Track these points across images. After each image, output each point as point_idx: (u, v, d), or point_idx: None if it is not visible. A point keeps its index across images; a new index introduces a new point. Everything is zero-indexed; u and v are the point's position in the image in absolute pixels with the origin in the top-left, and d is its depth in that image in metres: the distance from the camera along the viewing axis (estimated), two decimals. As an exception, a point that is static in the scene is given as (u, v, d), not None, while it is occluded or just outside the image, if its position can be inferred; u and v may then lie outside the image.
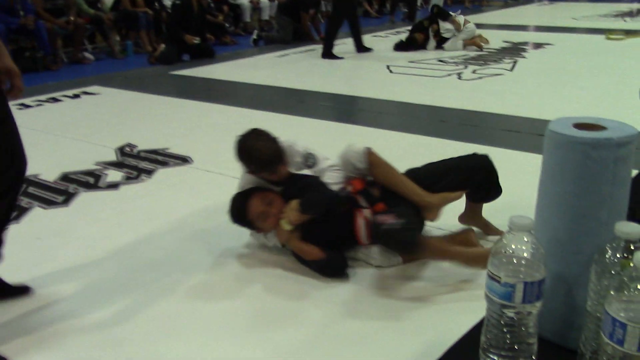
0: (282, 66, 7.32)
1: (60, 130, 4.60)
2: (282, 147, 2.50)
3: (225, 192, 3.29)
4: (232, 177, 3.48)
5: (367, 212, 2.38)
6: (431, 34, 7.86)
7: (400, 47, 7.92)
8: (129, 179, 3.55)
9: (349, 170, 2.48)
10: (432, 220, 2.46)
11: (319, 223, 2.37)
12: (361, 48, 7.89)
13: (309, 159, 2.54)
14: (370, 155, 2.48)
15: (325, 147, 3.99)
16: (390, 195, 2.41)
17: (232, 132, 4.42)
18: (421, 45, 7.88)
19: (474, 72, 6.32)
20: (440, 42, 7.84)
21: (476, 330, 1.48)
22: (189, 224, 2.91)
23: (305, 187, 2.42)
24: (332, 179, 2.46)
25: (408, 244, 2.16)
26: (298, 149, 2.56)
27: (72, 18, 7.96)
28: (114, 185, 3.45)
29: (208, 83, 6.42)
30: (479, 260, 2.13)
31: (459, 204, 2.59)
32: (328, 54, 7.58)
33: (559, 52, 7.52)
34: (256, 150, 2.44)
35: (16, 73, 2.12)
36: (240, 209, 2.46)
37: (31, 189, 3.40)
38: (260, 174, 2.51)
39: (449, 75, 6.24)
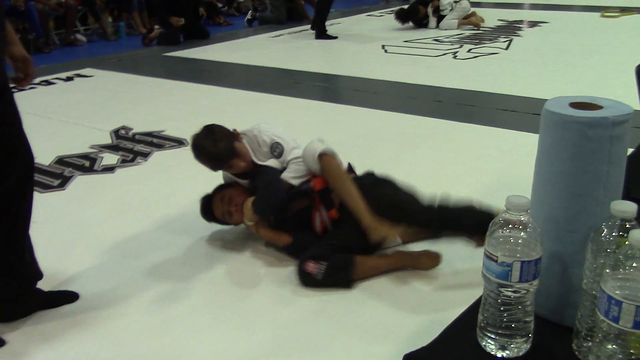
0: (276, 47, 7.28)
1: (54, 114, 4.58)
2: (232, 144, 2.44)
3: (221, 174, 3.30)
4: (228, 159, 3.49)
5: (323, 213, 2.35)
6: (430, 10, 7.80)
7: (400, 16, 7.85)
8: (124, 162, 3.54)
9: (309, 167, 2.38)
10: (375, 243, 2.26)
11: (280, 216, 2.39)
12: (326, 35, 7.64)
13: (275, 149, 2.46)
14: (323, 159, 2.33)
15: (319, 128, 4.00)
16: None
17: (228, 114, 4.45)
18: (421, 23, 7.81)
19: (469, 51, 6.30)
20: (440, 20, 7.79)
21: (473, 310, 1.49)
22: (184, 206, 2.91)
23: (258, 184, 2.37)
24: (293, 173, 2.39)
25: (338, 284, 2.13)
26: (264, 138, 2.49)
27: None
28: (109, 169, 3.45)
29: (202, 64, 6.39)
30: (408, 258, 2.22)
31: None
32: (322, 34, 7.52)
33: (554, 30, 7.50)
34: (204, 149, 2.43)
35: (30, 61, 2.08)
36: (207, 211, 2.55)
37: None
38: (220, 170, 2.53)
39: (444, 54, 6.21)
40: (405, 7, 8.02)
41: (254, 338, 1.91)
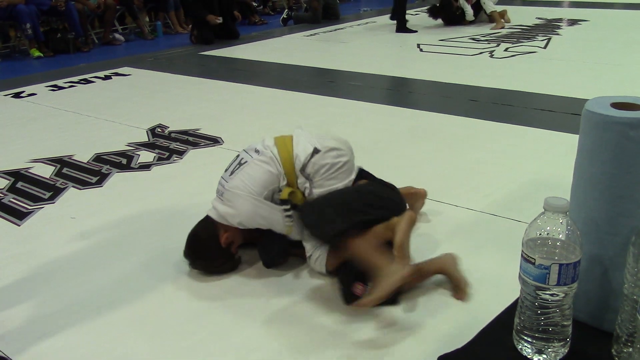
0: (311, 46, 7.29)
1: (92, 111, 4.66)
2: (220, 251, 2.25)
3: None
4: (262, 158, 3.50)
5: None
6: (461, 1, 7.71)
7: (433, 12, 7.78)
8: (160, 159, 3.58)
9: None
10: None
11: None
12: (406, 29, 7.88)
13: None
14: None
15: (353, 127, 3.99)
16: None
17: (262, 113, 4.47)
18: (453, 19, 7.73)
19: (506, 50, 6.22)
20: (476, 10, 7.70)
21: (509, 312, 1.47)
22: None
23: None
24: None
25: (386, 303, 1.96)
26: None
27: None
28: (146, 166, 3.49)
29: (238, 63, 6.43)
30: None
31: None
32: (402, 28, 7.62)
33: (594, 29, 7.35)
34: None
35: None
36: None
37: (66, 170, 3.46)
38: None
39: (481, 53, 6.14)
40: (438, 4, 7.95)
41: (291, 339, 1.91)
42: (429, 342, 1.82)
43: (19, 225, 2.84)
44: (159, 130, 4.12)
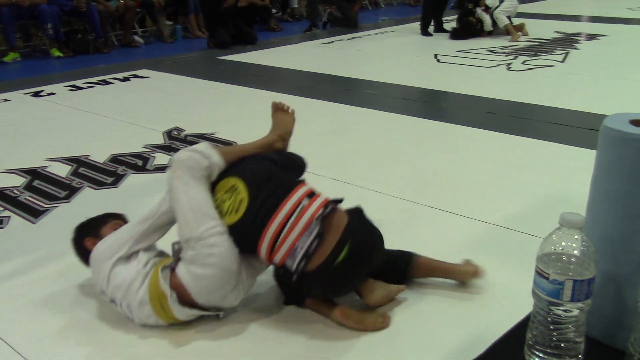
0: (328, 53, 7.31)
1: (110, 112, 4.70)
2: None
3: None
4: (276, 164, 3.52)
5: None
6: (480, 11, 7.72)
7: (456, 35, 7.78)
8: (176, 162, 3.60)
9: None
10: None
11: None
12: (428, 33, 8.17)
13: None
14: None
15: (368, 136, 4.00)
16: None
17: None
18: (477, 31, 7.74)
19: (523, 63, 6.20)
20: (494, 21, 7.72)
21: (521, 327, 1.46)
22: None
23: None
24: None
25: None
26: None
27: (122, 1, 8.09)
28: (161, 168, 3.51)
29: (254, 69, 6.46)
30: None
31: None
32: (424, 31, 8.08)
33: (613, 44, 7.31)
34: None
35: None
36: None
37: (82, 170, 3.49)
38: None
39: (498, 65, 6.13)
40: (456, 26, 7.97)
41: (291, 352, 1.91)
42: (439, 355, 1.82)
43: (34, 223, 2.87)
44: (175, 133, 4.15)
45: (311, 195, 1.93)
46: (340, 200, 1.95)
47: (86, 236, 2.14)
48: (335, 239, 1.77)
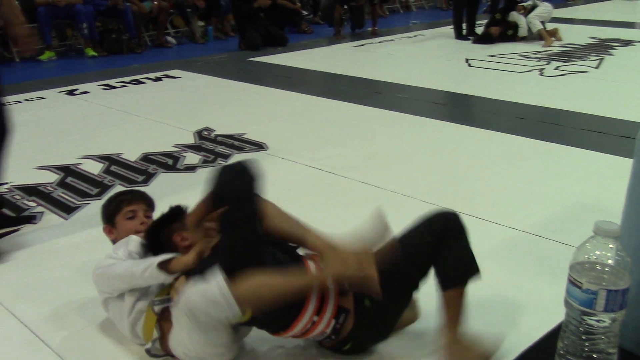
0: (359, 56, 7.30)
1: (142, 112, 4.76)
2: None
3: (299, 180, 3.34)
4: (305, 165, 3.53)
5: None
6: (515, 15, 7.66)
7: (479, 41, 7.76)
8: (205, 162, 3.63)
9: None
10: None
11: None
12: (462, 36, 8.14)
13: None
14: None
15: (395, 140, 3.98)
16: None
17: (307, 121, 4.50)
18: (509, 37, 7.69)
19: (556, 68, 6.11)
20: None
21: (552, 336, 1.44)
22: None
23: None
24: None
25: None
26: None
27: (155, 3, 8.18)
28: (191, 168, 3.55)
29: (285, 70, 6.48)
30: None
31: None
32: (457, 34, 8.11)
33: (649, 50, 7.17)
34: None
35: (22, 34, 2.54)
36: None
37: (114, 167, 3.54)
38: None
39: (530, 70, 6.05)
40: (480, 32, 7.95)
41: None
42: (466, 361, 1.80)
43: (67, 219, 2.92)
44: (205, 133, 4.18)
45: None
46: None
47: (105, 222, 2.16)
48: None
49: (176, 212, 1.93)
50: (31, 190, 3.24)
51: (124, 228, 2.07)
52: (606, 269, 1.31)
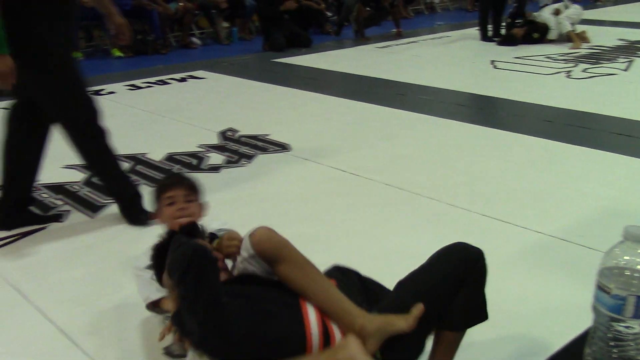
0: (383, 57, 7.28)
1: (167, 112, 4.79)
2: None
3: (322, 181, 3.34)
4: (329, 167, 3.52)
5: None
6: (546, 15, 7.60)
7: (503, 43, 7.70)
8: (229, 162, 3.65)
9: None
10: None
11: None
12: (488, 38, 8.07)
13: None
14: (262, 244, 1.56)
15: (420, 141, 3.96)
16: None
17: (331, 122, 4.49)
18: (525, 40, 7.63)
19: (584, 70, 6.03)
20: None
21: (578, 343, 1.41)
22: (285, 207, 2.96)
23: None
24: None
25: None
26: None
27: (181, 4, 8.25)
28: (215, 168, 3.56)
29: (309, 72, 6.49)
30: None
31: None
32: (483, 36, 8.06)
33: (680, 53, 7.03)
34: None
35: (124, 25, 2.88)
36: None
37: (139, 167, 3.57)
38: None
39: (557, 73, 5.98)
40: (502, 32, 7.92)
41: None
42: (491, 365, 1.78)
43: (93, 218, 2.95)
44: (229, 133, 4.20)
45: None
46: None
47: (153, 209, 2.10)
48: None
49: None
50: (58, 189, 3.28)
51: (165, 214, 2.01)
52: (635, 275, 1.28)
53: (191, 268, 1.40)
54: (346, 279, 1.69)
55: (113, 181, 2.91)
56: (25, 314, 2.17)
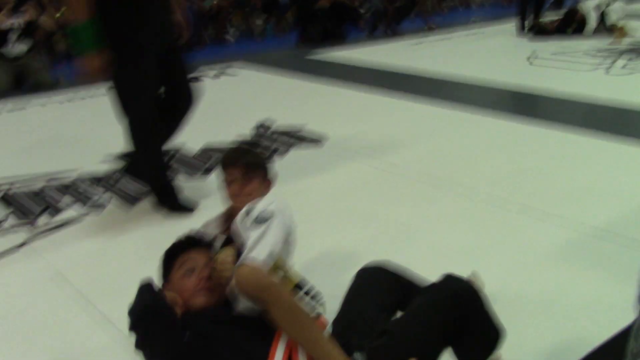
0: (417, 52, 7.23)
1: (202, 106, 4.79)
2: None
3: (356, 176, 3.33)
4: (362, 162, 3.52)
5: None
6: (586, 4, 7.48)
7: (536, 36, 7.59)
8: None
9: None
10: None
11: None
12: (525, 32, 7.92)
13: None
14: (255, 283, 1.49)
15: (456, 137, 3.92)
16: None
17: (365, 117, 4.48)
18: (559, 33, 7.52)
19: (624, 67, 5.90)
20: (600, 20, 7.45)
21: (622, 336, 1.39)
22: (317, 204, 2.96)
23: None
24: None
25: None
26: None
27: (215, 2, 8.32)
28: (250, 162, 3.58)
29: (343, 67, 6.48)
30: None
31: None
32: (522, 28, 7.88)
33: None
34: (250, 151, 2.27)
35: (183, 26, 3.01)
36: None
37: (175, 160, 3.61)
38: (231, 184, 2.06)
39: (596, 69, 5.86)
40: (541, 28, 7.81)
41: None
42: (530, 356, 1.76)
43: (130, 209, 3.00)
44: (263, 128, 4.22)
45: None
46: None
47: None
48: None
49: (194, 239, 1.80)
50: (98, 179, 3.34)
51: (225, 192, 1.98)
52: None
53: (138, 325, 1.48)
54: (358, 300, 1.66)
55: (154, 172, 2.96)
56: (69, 300, 2.22)
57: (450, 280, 1.53)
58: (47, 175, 3.44)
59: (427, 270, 1.85)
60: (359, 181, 3.28)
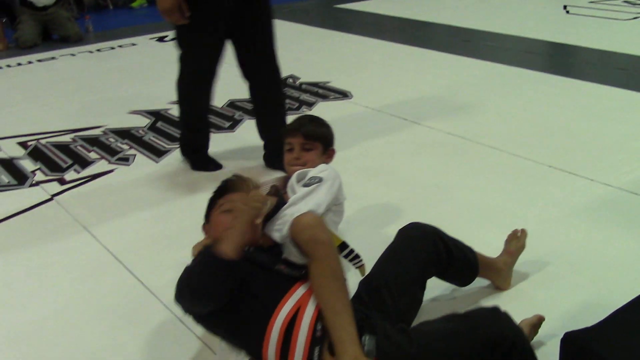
0: (448, 3, 7.02)
1: (228, 59, 4.78)
2: None
3: (384, 130, 3.29)
4: (389, 114, 3.47)
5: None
6: None
7: None
8: (290, 109, 3.62)
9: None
10: None
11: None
12: None
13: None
14: (300, 233, 1.52)
15: (485, 92, 3.83)
16: None
17: (393, 70, 4.40)
18: None
19: (665, 16, 5.67)
20: None
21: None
22: (347, 160, 2.94)
23: None
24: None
25: None
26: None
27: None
28: (276, 115, 3.56)
29: (371, 18, 6.34)
30: None
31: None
32: None
33: None
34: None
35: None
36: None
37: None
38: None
39: (635, 18, 5.64)
40: None
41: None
42: (555, 318, 1.75)
43: (157, 162, 3.02)
44: (290, 80, 4.18)
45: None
46: None
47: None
48: None
49: (236, 184, 1.78)
50: (124, 134, 3.37)
51: (285, 159, 2.02)
52: None
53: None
54: (391, 265, 1.66)
55: (185, 130, 2.96)
56: (94, 252, 2.27)
57: (500, 319, 1.43)
58: (74, 131, 3.47)
59: (459, 227, 1.83)
60: (384, 133, 3.24)
